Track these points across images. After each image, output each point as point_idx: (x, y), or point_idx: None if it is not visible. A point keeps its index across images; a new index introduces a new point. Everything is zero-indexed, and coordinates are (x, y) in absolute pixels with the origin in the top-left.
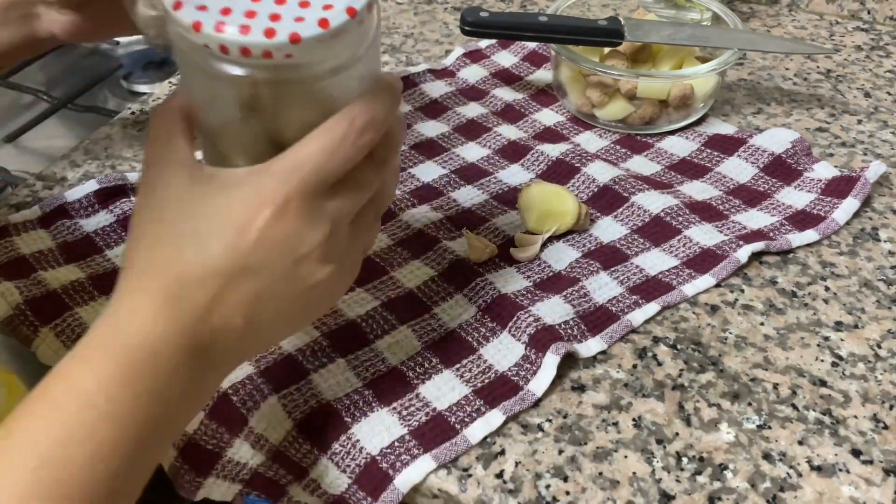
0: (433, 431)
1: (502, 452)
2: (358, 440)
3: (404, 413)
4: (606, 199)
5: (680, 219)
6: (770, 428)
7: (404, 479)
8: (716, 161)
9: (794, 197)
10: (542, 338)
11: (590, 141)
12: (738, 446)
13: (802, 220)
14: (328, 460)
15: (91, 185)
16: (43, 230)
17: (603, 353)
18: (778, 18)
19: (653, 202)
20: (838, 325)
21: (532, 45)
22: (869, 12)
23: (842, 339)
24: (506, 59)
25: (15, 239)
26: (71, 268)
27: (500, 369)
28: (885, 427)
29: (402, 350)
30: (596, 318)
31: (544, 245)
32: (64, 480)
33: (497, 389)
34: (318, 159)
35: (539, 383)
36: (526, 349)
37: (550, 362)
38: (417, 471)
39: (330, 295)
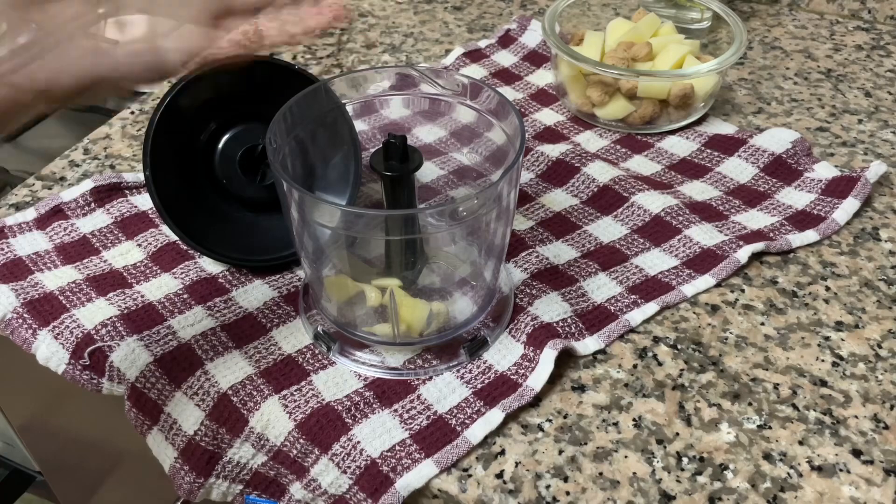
0: (434, 435)
1: (502, 452)
2: (359, 441)
3: (405, 416)
4: (606, 199)
5: (680, 219)
6: (770, 428)
7: (405, 483)
8: (716, 161)
9: (795, 197)
10: (540, 335)
11: (590, 140)
12: (739, 446)
13: (803, 220)
14: (329, 460)
15: (86, 185)
16: (39, 232)
17: (603, 353)
18: (778, 18)
19: (653, 202)
20: (839, 325)
21: (532, 44)
22: (869, 11)
23: (842, 339)
24: (506, 58)
25: (11, 241)
26: (68, 269)
27: (500, 369)
28: (886, 427)
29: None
30: (594, 317)
31: (542, 243)
32: None
33: (497, 389)
34: None
35: (537, 379)
36: (525, 348)
37: (548, 357)
38: (419, 476)
39: None
